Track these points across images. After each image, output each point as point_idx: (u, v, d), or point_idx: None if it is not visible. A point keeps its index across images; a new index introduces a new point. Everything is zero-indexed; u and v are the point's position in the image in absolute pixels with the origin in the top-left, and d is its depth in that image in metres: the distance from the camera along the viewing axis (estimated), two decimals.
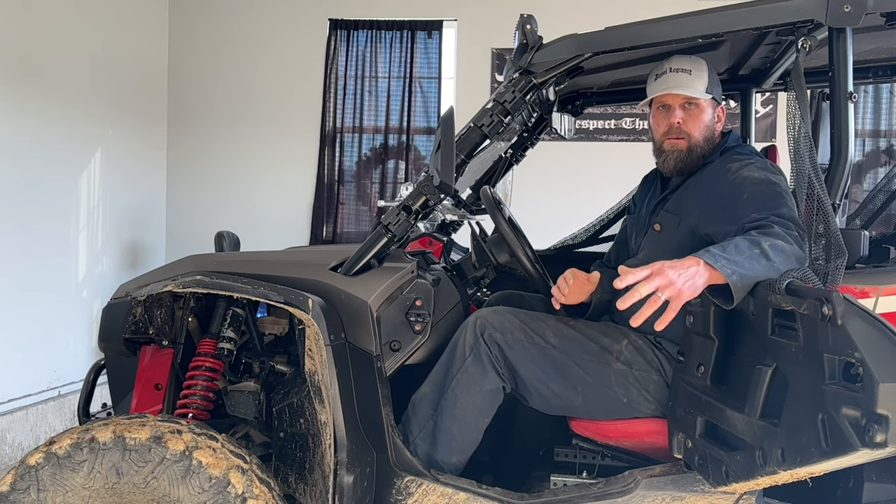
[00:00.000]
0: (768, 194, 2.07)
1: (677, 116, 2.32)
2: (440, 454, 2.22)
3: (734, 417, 1.84)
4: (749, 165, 2.19)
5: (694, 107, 2.32)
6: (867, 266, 1.99)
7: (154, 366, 2.42)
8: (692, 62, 2.33)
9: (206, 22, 6.38)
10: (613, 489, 2.08)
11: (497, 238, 2.51)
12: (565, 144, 5.24)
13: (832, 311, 1.56)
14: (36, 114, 4.78)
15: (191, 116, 6.40)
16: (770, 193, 2.07)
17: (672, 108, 2.33)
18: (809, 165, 1.86)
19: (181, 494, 1.93)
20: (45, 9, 4.82)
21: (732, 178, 2.17)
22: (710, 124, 2.34)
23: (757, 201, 2.05)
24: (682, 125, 2.32)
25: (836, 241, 1.78)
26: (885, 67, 2.63)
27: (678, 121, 2.31)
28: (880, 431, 1.47)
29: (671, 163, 2.35)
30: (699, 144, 2.32)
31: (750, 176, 2.14)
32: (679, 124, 2.32)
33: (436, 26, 6.14)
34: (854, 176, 3.77)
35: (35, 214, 4.79)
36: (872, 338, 1.54)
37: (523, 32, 2.21)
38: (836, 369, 1.58)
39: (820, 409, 1.60)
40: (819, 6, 1.93)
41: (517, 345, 2.20)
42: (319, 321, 2.07)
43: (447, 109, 2.20)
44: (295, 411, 2.26)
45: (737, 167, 2.19)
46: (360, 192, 6.28)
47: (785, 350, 1.72)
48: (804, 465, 1.65)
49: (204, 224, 6.12)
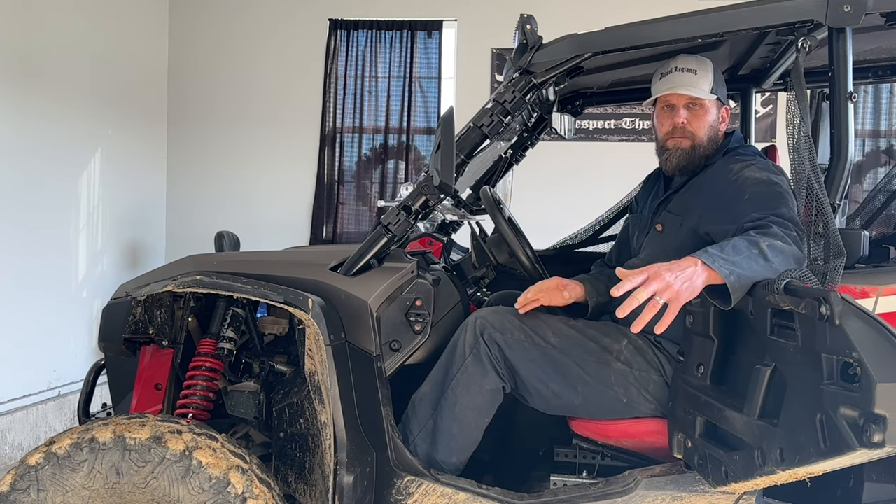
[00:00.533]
0: (769, 194, 2.07)
1: (681, 116, 2.32)
2: (440, 454, 2.22)
3: (733, 417, 1.84)
4: (751, 166, 2.19)
5: (698, 107, 2.32)
6: (867, 266, 1.99)
7: (154, 366, 2.42)
8: (698, 62, 2.33)
9: (206, 22, 6.38)
10: (613, 489, 2.08)
11: (497, 238, 2.51)
12: (565, 144, 5.24)
13: (830, 311, 1.56)
14: (36, 114, 4.78)
15: (191, 116, 6.40)
16: (771, 193, 2.07)
17: (676, 107, 2.33)
18: (809, 165, 1.86)
19: (181, 494, 1.93)
20: (45, 9, 4.82)
21: (734, 179, 2.17)
22: (714, 124, 2.35)
23: (757, 201, 2.05)
24: (686, 125, 2.32)
25: (835, 241, 1.78)
26: (885, 67, 2.63)
27: (682, 120, 2.32)
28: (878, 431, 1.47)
29: (674, 162, 2.35)
30: (703, 144, 2.33)
31: (751, 176, 2.14)
32: (683, 124, 2.32)
33: (436, 26, 6.14)
34: (854, 176, 3.78)
35: (35, 214, 4.79)
36: (870, 338, 1.54)
37: (523, 32, 2.21)
38: (835, 369, 1.58)
39: (818, 410, 1.60)
40: (819, 6, 1.93)
41: (517, 345, 2.20)
42: (319, 321, 2.07)
43: (447, 109, 2.20)
44: (295, 411, 2.26)
45: (739, 168, 2.19)
46: (360, 192, 6.28)
47: (783, 350, 1.72)
48: (802, 465, 1.65)
49: (204, 224, 6.12)
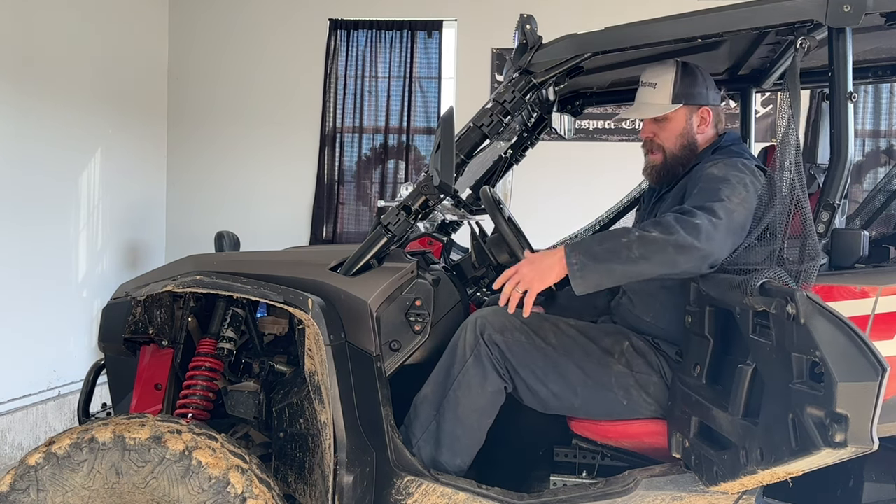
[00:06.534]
0: (707, 189, 2.08)
1: (647, 132, 2.37)
2: (444, 456, 2.22)
3: (720, 417, 1.86)
4: (718, 164, 2.18)
5: (664, 119, 2.34)
6: (867, 266, 1.99)
7: (154, 366, 2.42)
8: (659, 72, 2.33)
9: (206, 22, 6.38)
10: (613, 489, 2.08)
11: (497, 238, 2.51)
12: (565, 144, 5.24)
13: (796, 310, 1.58)
14: (36, 114, 4.77)
15: (191, 116, 6.39)
16: (710, 189, 2.07)
17: (645, 122, 2.38)
18: (794, 166, 1.86)
19: (181, 494, 1.93)
20: (45, 9, 4.82)
21: (698, 177, 2.18)
22: (684, 131, 2.34)
23: (699, 195, 2.08)
24: (654, 138, 2.36)
25: (812, 242, 1.79)
26: (885, 67, 2.63)
27: (647, 135, 2.37)
28: (839, 431, 1.49)
29: (653, 176, 2.41)
30: (675, 154, 2.34)
31: (709, 173, 2.15)
32: (650, 138, 2.36)
33: (436, 26, 6.13)
34: (854, 176, 3.78)
35: (35, 214, 4.79)
36: (834, 337, 1.56)
37: (523, 32, 2.21)
38: (804, 369, 1.60)
39: (789, 409, 1.61)
40: (819, 6, 1.93)
41: (517, 345, 2.20)
42: (319, 321, 2.07)
43: (447, 109, 2.20)
44: (295, 411, 2.26)
45: (708, 166, 2.19)
46: (360, 192, 6.28)
47: (762, 349, 1.73)
48: (779, 464, 1.66)
49: (204, 224, 6.11)
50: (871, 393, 1.50)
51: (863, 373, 1.51)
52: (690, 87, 2.32)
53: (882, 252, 2.31)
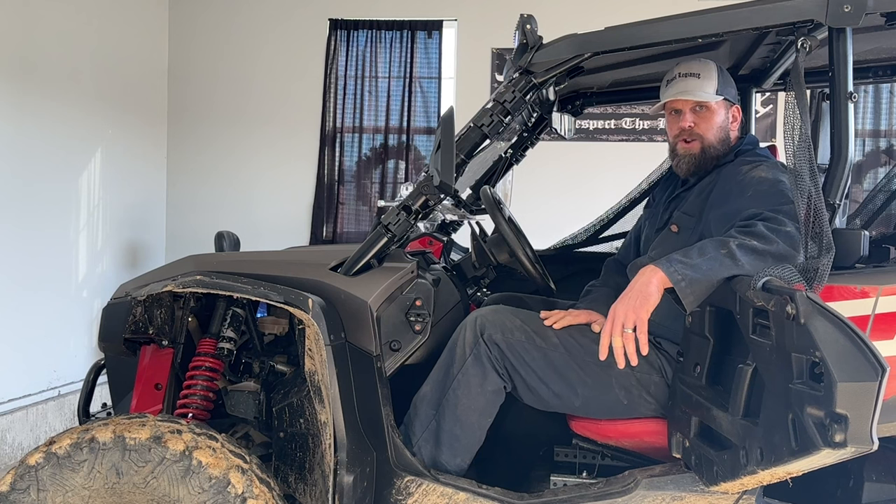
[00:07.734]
0: (772, 192, 2.08)
1: (688, 120, 2.35)
2: (444, 455, 2.22)
3: (720, 417, 1.86)
4: (760, 166, 2.21)
5: (705, 109, 2.34)
6: (867, 266, 1.99)
7: (154, 366, 2.41)
8: (701, 65, 2.34)
9: (206, 22, 6.38)
10: (613, 489, 2.08)
11: (497, 238, 2.51)
12: (565, 144, 5.24)
13: (796, 310, 1.58)
14: (36, 114, 4.78)
15: (191, 116, 6.40)
16: (773, 191, 2.08)
17: (683, 112, 2.35)
18: (807, 166, 1.86)
19: (181, 494, 1.93)
20: (44, 8, 4.82)
21: (741, 178, 2.19)
22: (723, 125, 2.36)
23: (759, 198, 2.07)
24: (693, 128, 2.34)
25: (828, 241, 1.79)
26: (885, 67, 2.63)
27: (689, 124, 2.34)
28: (839, 431, 1.49)
29: (684, 166, 2.39)
30: (713, 145, 2.35)
31: (758, 175, 2.16)
32: (690, 127, 2.35)
33: (436, 26, 6.14)
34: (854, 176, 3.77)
35: (35, 214, 4.79)
36: (834, 337, 1.56)
37: (523, 32, 2.21)
38: (804, 368, 1.60)
39: (789, 409, 1.61)
40: (819, 6, 1.93)
41: (517, 345, 2.19)
42: (319, 321, 2.07)
43: (447, 109, 2.20)
44: (295, 411, 2.26)
45: (748, 168, 2.21)
46: (360, 192, 6.28)
47: (762, 349, 1.74)
48: (779, 464, 1.66)
49: (204, 224, 6.11)
50: (870, 393, 1.50)
51: (863, 373, 1.51)
52: (727, 85, 2.36)
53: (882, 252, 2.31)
